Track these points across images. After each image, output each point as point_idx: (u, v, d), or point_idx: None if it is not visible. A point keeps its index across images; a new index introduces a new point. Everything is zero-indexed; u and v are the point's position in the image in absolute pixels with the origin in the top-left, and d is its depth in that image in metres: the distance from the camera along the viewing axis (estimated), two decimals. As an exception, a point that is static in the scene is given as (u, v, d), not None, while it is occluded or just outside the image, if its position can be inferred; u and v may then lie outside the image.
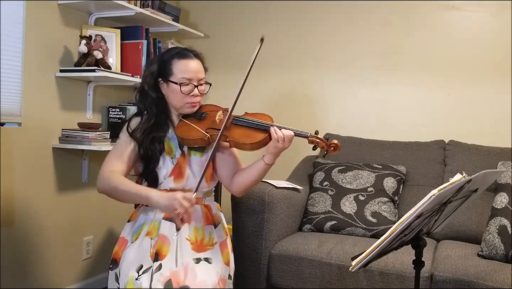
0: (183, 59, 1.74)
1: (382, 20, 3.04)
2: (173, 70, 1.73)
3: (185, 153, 1.77)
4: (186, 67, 1.73)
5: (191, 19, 3.50)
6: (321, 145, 1.69)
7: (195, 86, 1.73)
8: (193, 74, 1.73)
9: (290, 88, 3.25)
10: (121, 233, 1.80)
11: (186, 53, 1.76)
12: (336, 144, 1.69)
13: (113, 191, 1.68)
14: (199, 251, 1.71)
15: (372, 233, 2.38)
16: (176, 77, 1.72)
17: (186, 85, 1.72)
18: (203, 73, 1.78)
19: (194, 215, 1.77)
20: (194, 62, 1.75)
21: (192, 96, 1.74)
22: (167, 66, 1.74)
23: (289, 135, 1.66)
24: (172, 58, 1.75)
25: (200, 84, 1.76)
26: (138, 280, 1.58)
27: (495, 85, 2.79)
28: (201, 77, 1.76)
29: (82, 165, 2.69)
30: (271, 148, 1.68)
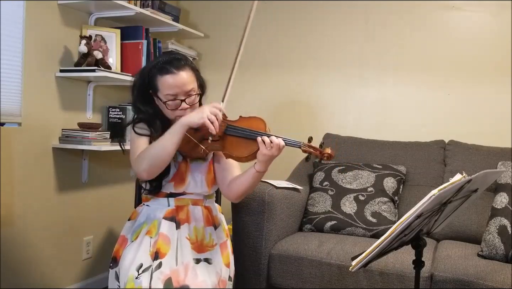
0: (165, 74, 1.64)
1: (382, 20, 3.04)
2: (158, 86, 1.66)
3: (187, 159, 1.76)
4: (169, 84, 1.63)
5: (191, 19, 3.50)
6: (314, 154, 1.63)
7: (182, 100, 1.66)
8: (178, 89, 1.64)
9: (290, 88, 3.25)
10: (121, 232, 1.80)
11: (168, 68, 1.64)
12: (329, 154, 1.62)
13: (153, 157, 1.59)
14: (199, 252, 1.71)
15: (372, 233, 2.38)
16: (161, 93, 1.66)
17: (172, 101, 1.65)
18: (192, 83, 1.67)
19: (194, 215, 1.77)
20: (178, 76, 1.64)
21: (181, 110, 1.67)
22: (153, 82, 1.67)
23: (277, 143, 1.59)
24: (155, 75, 1.67)
25: (189, 95, 1.67)
26: (138, 279, 1.58)
27: (495, 85, 2.79)
28: (188, 89, 1.66)
29: (82, 165, 2.69)
30: (260, 155, 1.62)
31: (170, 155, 1.60)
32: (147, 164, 1.58)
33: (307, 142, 1.64)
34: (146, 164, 1.59)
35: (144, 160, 1.59)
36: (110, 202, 2.89)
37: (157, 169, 1.61)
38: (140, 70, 1.80)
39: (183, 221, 1.73)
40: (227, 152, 1.68)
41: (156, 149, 1.59)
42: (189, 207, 1.76)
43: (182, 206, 1.75)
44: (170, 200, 1.75)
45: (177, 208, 1.74)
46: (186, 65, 1.68)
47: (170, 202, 1.75)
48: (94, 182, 2.78)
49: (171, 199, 1.75)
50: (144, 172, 1.60)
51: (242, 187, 1.73)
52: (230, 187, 1.77)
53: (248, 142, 1.66)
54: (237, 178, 1.76)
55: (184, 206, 1.76)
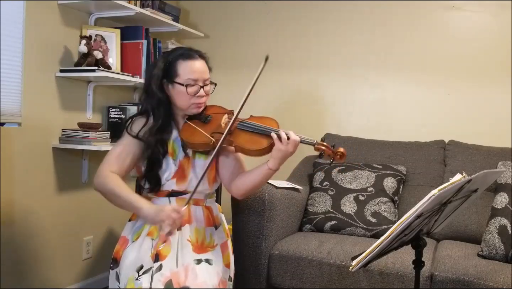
0: (188, 60, 1.72)
1: (383, 20, 3.04)
2: (178, 72, 1.71)
3: (189, 156, 1.76)
4: (192, 68, 1.71)
5: (191, 19, 3.50)
6: (327, 153, 1.66)
7: (200, 87, 1.72)
8: (198, 75, 1.72)
9: (290, 88, 3.25)
10: (122, 232, 1.80)
11: (192, 54, 1.74)
12: (342, 152, 1.65)
13: (108, 193, 1.67)
14: (199, 252, 1.71)
15: (372, 233, 2.38)
16: (182, 78, 1.71)
17: (192, 86, 1.71)
18: (208, 74, 1.77)
19: (196, 215, 1.77)
20: (199, 63, 1.74)
21: (198, 97, 1.73)
22: (172, 67, 1.72)
23: (294, 138, 1.63)
24: (177, 59, 1.73)
25: (206, 84, 1.75)
26: (138, 280, 1.58)
27: (495, 85, 2.79)
28: (206, 77, 1.75)
29: (82, 165, 2.69)
30: (275, 151, 1.65)
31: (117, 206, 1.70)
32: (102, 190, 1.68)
33: (320, 141, 1.68)
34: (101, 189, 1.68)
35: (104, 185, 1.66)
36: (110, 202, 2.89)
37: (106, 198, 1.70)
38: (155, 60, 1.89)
39: (185, 222, 1.73)
40: (238, 145, 1.69)
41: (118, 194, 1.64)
42: (190, 207, 1.76)
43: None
44: (172, 200, 1.75)
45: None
46: (204, 57, 1.80)
47: (172, 202, 1.75)
48: (94, 182, 2.77)
49: (173, 198, 1.75)
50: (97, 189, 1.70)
51: (250, 184, 1.75)
52: (237, 184, 1.78)
53: (261, 137, 1.68)
54: (246, 174, 1.77)
55: None
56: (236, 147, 1.70)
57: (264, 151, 1.68)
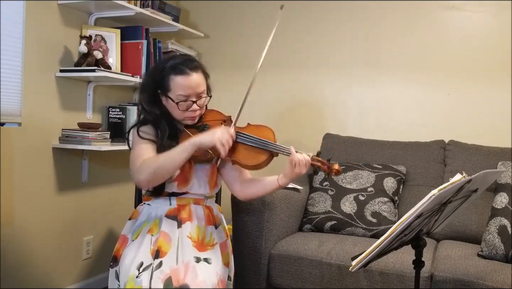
0: (179, 75, 1.66)
1: (383, 20, 3.04)
2: (170, 86, 1.68)
3: (191, 161, 1.76)
4: (183, 85, 1.66)
5: (191, 19, 3.50)
6: (322, 169, 1.67)
7: (193, 102, 1.69)
8: (191, 91, 1.67)
9: (289, 88, 3.25)
10: (122, 231, 1.80)
11: (183, 69, 1.67)
12: (337, 170, 1.65)
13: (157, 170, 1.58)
14: (200, 250, 1.71)
15: (372, 233, 2.38)
16: (173, 93, 1.67)
17: (184, 102, 1.68)
18: (203, 85, 1.71)
19: (196, 214, 1.77)
20: (192, 77, 1.67)
21: (192, 111, 1.71)
22: (165, 81, 1.69)
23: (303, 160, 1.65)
24: (169, 74, 1.68)
25: (200, 97, 1.71)
26: (138, 278, 1.58)
27: (495, 85, 2.79)
28: (200, 91, 1.70)
29: (82, 165, 2.69)
30: (288, 172, 1.70)
31: (175, 170, 1.62)
32: (150, 174, 1.58)
33: (315, 156, 1.68)
34: (149, 174, 1.58)
35: (148, 169, 1.58)
36: (110, 202, 2.89)
37: (159, 180, 1.63)
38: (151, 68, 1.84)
39: (185, 219, 1.73)
40: (235, 159, 1.69)
41: (164, 161, 1.58)
42: (190, 206, 1.77)
43: (184, 204, 1.76)
44: (172, 199, 1.76)
45: (179, 207, 1.75)
46: (199, 67, 1.72)
47: (172, 201, 1.75)
48: (94, 182, 2.78)
49: (173, 198, 1.76)
50: (145, 181, 1.61)
51: (258, 192, 1.83)
52: (244, 188, 1.84)
53: (257, 151, 1.69)
54: (255, 183, 1.82)
55: (186, 205, 1.76)
56: (233, 161, 1.70)
57: (261, 166, 1.69)
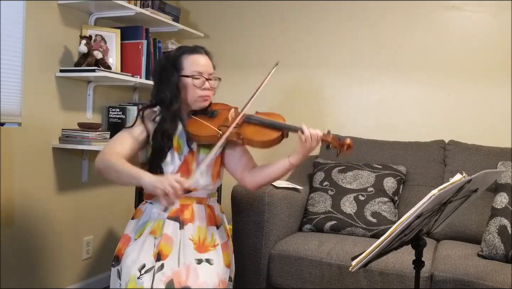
0: (193, 54, 1.80)
1: (383, 20, 3.04)
2: (183, 65, 1.78)
3: (194, 150, 1.78)
4: (197, 61, 1.79)
5: (191, 19, 3.50)
6: (334, 144, 1.68)
7: (206, 79, 1.78)
8: (203, 68, 1.79)
9: (289, 88, 3.25)
10: (125, 230, 1.80)
11: (196, 49, 1.82)
12: (348, 144, 1.68)
13: (107, 168, 1.64)
14: (201, 252, 1.71)
15: (372, 233, 2.38)
16: (187, 71, 1.77)
17: (197, 79, 1.77)
18: (212, 69, 1.84)
19: (198, 214, 1.77)
20: (204, 58, 1.82)
21: (204, 90, 1.78)
22: (178, 62, 1.79)
23: (315, 134, 1.68)
24: (182, 54, 1.80)
25: (210, 78, 1.81)
26: (140, 279, 1.58)
27: (495, 85, 2.79)
28: (211, 71, 1.82)
29: (82, 165, 2.69)
30: (299, 148, 1.70)
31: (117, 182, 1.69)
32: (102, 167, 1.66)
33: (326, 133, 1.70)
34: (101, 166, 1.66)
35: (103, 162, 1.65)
36: (110, 202, 2.89)
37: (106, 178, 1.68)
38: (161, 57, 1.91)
39: (187, 220, 1.73)
40: (245, 137, 1.71)
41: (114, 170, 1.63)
42: (193, 206, 1.77)
43: (187, 204, 1.76)
44: None
45: (181, 207, 1.75)
46: (208, 54, 1.87)
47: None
48: (94, 182, 2.78)
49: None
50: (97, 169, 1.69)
51: (268, 177, 1.80)
52: (253, 176, 1.81)
53: (268, 129, 1.71)
54: (265, 167, 1.81)
55: (189, 205, 1.76)
56: (243, 139, 1.73)
57: (271, 143, 1.70)
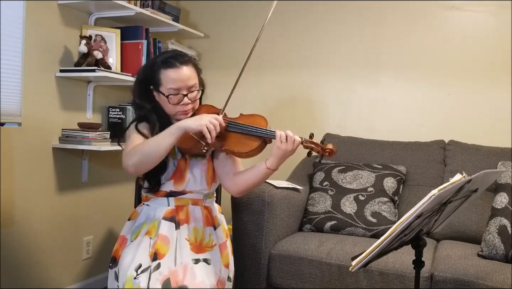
0: (169, 68, 1.67)
1: (382, 20, 3.04)
2: (161, 80, 1.68)
3: (186, 156, 1.76)
4: (173, 78, 1.66)
5: (191, 19, 3.50)
6: (316, 150, 1.64)
7: (184, 95, 1.68)
8: (181, 83, 1.66)
9: (289, 88, 3.25)
10: (121, 232, 1.80)
11: (172, 62, 1.67)
12: (331, 150, 1.62)
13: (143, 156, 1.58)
14: (198, 252, 1.71)
15: (372, 233, 2.38)
16: (164, 87, 1.67)
17: (174, 95, 1.67)
18: (194, 79, 1.71)
19: (194, 215, 1.77)
20: (182, 71, 1.67)
21: (183, 105, 1.69)
22: (156, 76, 1.69)
23: (292, 136, 1.61)
24: (159, 68, 1.69)
25: (191, 91, 1.70)
26: (137, 279, 1.58)
27: (495, 85, 2.79)
28: (191, 84, 1.69)
29: (82, 165, 2.69)
30: (274, 150, 1.63)
31: (162, 155, 1.59)
32: (137, 159, 1.57)
33: (308, 139, 1.64)
34: (136, 159, 1.57)
35: (136, 154, 1.58)
36: (110, 202, 2.89)
37: (146, 165, 1.61)
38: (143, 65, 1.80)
39: (183, 221, 1.73)
40: (228, 148, 1.67)
41: (150, 146, 1.58)
42: (188, 207, 1.76)
43: (182, 205, 1.75)
44: (170, 200, 1.75)
45: (177, 208, 1.74)
46: (189, 61, 1.72)
47: (170, 202, 1.75)
48: (94, 182, 2.78)
49: (171, 198, 1.75)
50: (133, 166, 1.59)
51: (248, 182, 1.74)
52: (234, 182, 1.77)
53: (250, 138, 1.66)
54: (243, 172, 1.76)
55: (184, 206, 1.75)
56: (226, 150, 1.69)
57: (254, 152, 1.66)
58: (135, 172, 1.64)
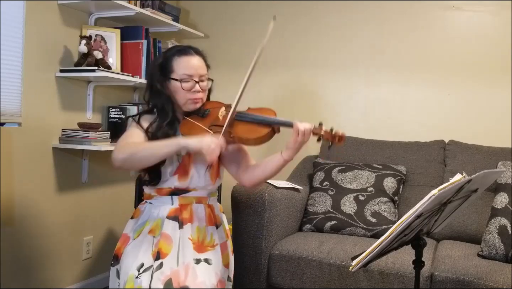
0: (183, 56, 1.75)
1: (382, 20, 3.04)
2: (174, 68, 1.74)
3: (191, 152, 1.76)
4: (187, 64, 1.73)
5: (191, 19, 3.50)
6: (325, 137, 1.66)
7: (196, 82, 1.73)
8: (193, 71, 1.73)
9: (289, 88, 3.25)
10: (124, 230, 1.80)
11: (187, 50, 1.76)
12: (340, 136, 1.65)
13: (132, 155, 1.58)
14: (200, 252, 1.71)
15: (372, 233, 2.38)
16: (177, 74, 1.73)
17: (186, 82, 1.72)
18: (205, 70, 1.78)
19: (197, 214, 1.77)
20: (195, 59, 1.76)
21: (194, 92, 1.73)
22: (168, 64, 1.75)
23: (308, 128, 1.64)
24: (173, 56, 1.75)
25: (202, 80, 1.76)
26: (138, 278, 1.58)
27: (495, 85, 2.79)
28: (203, 73, 1.76)
29: (82, 165, 2.69)
30: (291, 143, 1.65)
31: (152, 162, 1.61)
32: (127, 156, 1.58)
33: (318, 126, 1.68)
34: (126, 155, 1.58)
35: (127, 151, 1.59)
36: (110, 202, 2.89)
37: (133, 166, 1.66)
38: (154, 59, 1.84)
39: (186, 220, 1.73)
40: (236, 135, 1.68)
41: (144, 151, 1.59)
42: (192, 206, 1.76)
43: (186, 204, 1.75)
44: (174, 198, 1.75)
45: (180, 207, 1.74)
46: (200, 53, 1.81)
47: (174, 201, 1.75)
48: (94, 182, 2.78)
49: (175, 197, 1.75)
50: (120, 161, 1.59)
51: (264, 174, 1.76)
52: (249, 173, 1.79)
53: (259, 126, 1.68)
54: (259, 165, 1.78)
55: (188, 205, 1.75)
56: (234, 138, 1.70)
57: (262, 139, 1.67)
58: (120, 168, 1.64)
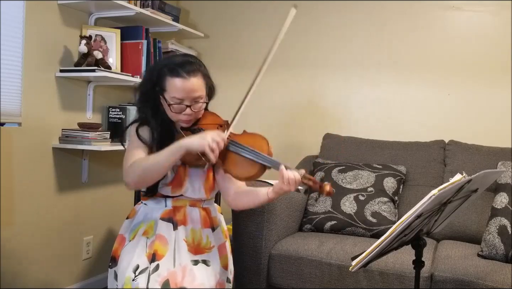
0: (175, 77, 1.60)
1: (382, 20, 3.04)
2: (166, 87, 1.64)
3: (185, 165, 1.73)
4: (178, 87, 1.60)
5: (191, 19, 3.50)
6: (314, 188, 1.58)
7: (187, 106, 1.63)
8: (185, 94, 1.60)
9: (289, 88, 3.25)
10: (120, 230, 1.79)
11: (179, 71, 1.60)
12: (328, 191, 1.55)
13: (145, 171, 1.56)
14: (195, 253, 1.70)
15: (372, 233, 2.38)
16: (168, 95, 1.63)
17: (177, 105, 1.63)
18: (200, 91, 1.64)
19: (191, 217, 1.75)
20: (188, 82, 1.61)
21: (185, 114, 1.65)
22: (161, 80, 1.65)
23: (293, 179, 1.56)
24: (165, 74, 1.63)
25: (196, 102, 1.65)
26: (135, 280, 1.58)
27: (495, 85, 2.79)
28: (196, 96, 1.62)
29: (82, 165, 2.69)
30: (277, 188, 1.60)
31: (162, 173, 1.58)
32: (137, 176, 1.57)
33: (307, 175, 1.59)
34: (136, 176, 1.57)
35: (136, 171, 1.57)
36: (110, 202, 2.89)
37: (146, 183, 1.60)
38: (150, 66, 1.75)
39: (180, 222, 1.71)
40: (226, 168, 1.65)
41: (151, 164, 1.57)
42: (186, 208, 1.74)
43: (179, 206, 1.73)
44: (168, 200, 1.73)
45: (174, 209, 1.72)
46: (198, 71, 1.65)
47: (168, 202, 1.73)
48: (94, 182, 2.78)
49: (169, 199, 1.74)
50: (133, 183, 1.59)
51: (248, 204, 1.74)
52: (235, 199, 1.75)
53: (249, 163, 1.62)
54: (247, 193, 1.73)
55: (181, 207, 1.73)
56: (224, 170, 1.67)
57: (252, 178, 1.63)
58: (136, 188, 1.63)
